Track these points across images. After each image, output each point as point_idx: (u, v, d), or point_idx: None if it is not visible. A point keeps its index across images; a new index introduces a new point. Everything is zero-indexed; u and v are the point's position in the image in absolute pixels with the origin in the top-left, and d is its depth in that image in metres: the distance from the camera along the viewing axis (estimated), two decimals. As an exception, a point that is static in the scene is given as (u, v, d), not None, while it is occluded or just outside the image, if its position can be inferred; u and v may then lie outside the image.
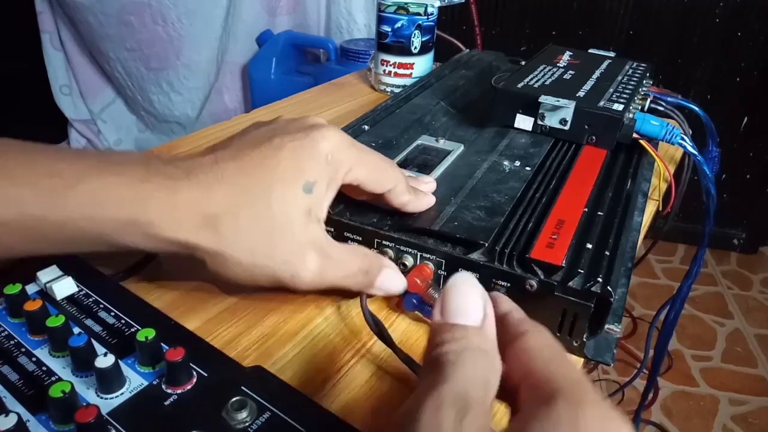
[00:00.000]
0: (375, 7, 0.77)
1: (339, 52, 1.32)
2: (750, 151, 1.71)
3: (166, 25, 1.38)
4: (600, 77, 0.57)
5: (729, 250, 1.85)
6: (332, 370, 0.33)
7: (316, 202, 0.33)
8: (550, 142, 0.49)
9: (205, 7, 1.38)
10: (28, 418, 0.25)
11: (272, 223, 0.32)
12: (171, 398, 0.26)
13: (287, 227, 0.32)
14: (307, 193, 0.32)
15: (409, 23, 0.71)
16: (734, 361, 1.42)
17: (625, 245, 0.38)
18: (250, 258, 0.32)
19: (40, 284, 0.33)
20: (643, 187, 0.48)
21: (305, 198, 0.32)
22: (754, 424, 1.26)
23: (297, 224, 0.32)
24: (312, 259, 0.32)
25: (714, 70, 1.63)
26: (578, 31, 1.67)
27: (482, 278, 0.35)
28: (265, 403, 0.26)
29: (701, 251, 0.62)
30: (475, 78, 0.68)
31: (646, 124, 0.49)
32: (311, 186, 0.32)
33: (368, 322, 0.33)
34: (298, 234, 0.32)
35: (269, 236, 0.32)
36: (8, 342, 0.29)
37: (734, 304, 1.62)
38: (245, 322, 0.36)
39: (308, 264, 0.32)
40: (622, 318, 0.36)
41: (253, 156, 0.32)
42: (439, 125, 0.52)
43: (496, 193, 0.40)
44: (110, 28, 1.38)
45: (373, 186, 0.35)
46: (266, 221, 0.31)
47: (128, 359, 0.28)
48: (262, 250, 0.32)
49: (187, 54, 1.43)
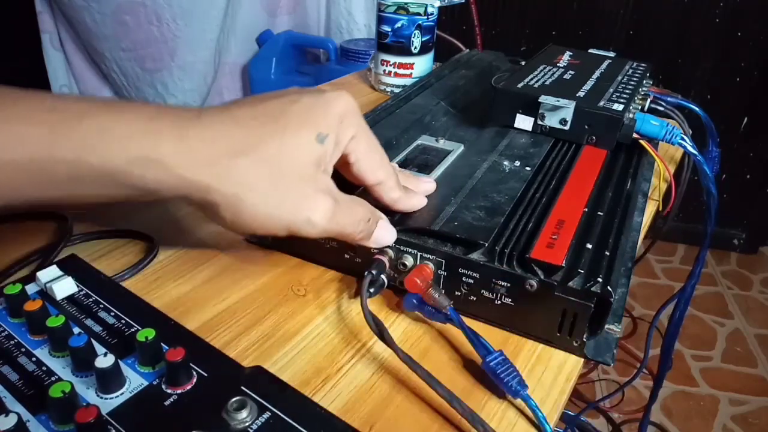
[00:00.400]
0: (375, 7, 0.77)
1: (339, 52, 1.32)
2: (750, 151, 1.71)
3: (161, 26, 1.37)
4: (600, 77, 0.57)
5: (729, 250, 1.85)
6: (332, 370, 0.33)
7: (326, 154, 0.33)
8: (550, 142, 0.49)
9: (201, 8, 1.38)
10: (28, 418, 0.25)
11: (287, 167, 0.31)
12: (171, 398, 0.26)
13: (301, 172, 0.32)
14: (320, 143, 0.32)
15: (409, 23, 0.71)
16: (734, 361, 1.42)
17: (625, 245, 0.38)
18: (265, 201, 0.31)
19: (40, 284, 0.33)
20: (643, 187, 0.48)
21: (317, 147, 0.32)
22: (754, 424, 1.26)
23: (310, 171, 0.32)
24: (326, 203, 0.32)
25: (714, 70, 1.63)
26: (578, 31, 1.67)
27: (482, 278, 0.35)
28: (265, 403, 0.26)
29: (703, 251, 0.62)
30: (475, 78, 0.68)
31: (646, 124, 0.49)
32: (324, 137, 0.32)
33: (368, 322, 0.33)
34: (312, 180, 0.32)
35: (284, 180, 0.31)
36: (8, 342, 0.29)
37: (734, 304, 1.62)
38: (245, 322, 0.36)
39: (322, 208, 0.32)
40: (622, 318, 0.36)
41: (268, 105, 0.32)
42: (439, 125, 0.52)
43: (496, 193, 0.40)
44: (106, 28, 1.38)
45: (366, 168, 0.35)
46: (281, 165, 0.31)
47: (128, 359, 0.28)
48: (278, 194, 0.31)
49: (182, 55, 1.42)
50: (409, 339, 0.35)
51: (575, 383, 0.33)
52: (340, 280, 0.40)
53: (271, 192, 0.31)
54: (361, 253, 0.38)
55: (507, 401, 0.31)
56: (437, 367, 0.33)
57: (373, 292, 0.36)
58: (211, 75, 1.51)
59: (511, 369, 0.31)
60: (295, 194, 0.32)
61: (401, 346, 0.31)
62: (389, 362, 0.33)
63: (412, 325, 0.36)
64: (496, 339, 0.35)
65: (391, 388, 0.32)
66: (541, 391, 0.32)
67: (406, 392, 0.31)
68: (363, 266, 0.37)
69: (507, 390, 0.30)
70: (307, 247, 0.41)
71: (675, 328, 0.72)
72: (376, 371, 0.33)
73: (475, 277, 0.35)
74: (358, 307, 0.35)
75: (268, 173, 0.31)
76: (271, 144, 0.31)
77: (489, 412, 0.30)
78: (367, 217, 0.35)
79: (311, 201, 0.32)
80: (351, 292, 0.39)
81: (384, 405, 0.30)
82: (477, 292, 0.35)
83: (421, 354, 0.34)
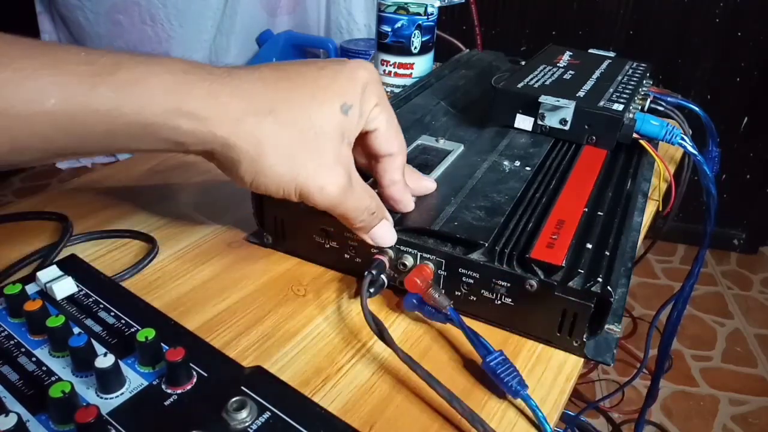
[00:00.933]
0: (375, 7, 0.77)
1: (339, 52, 1.32)
2: (750, 151, 1.71)
3: (155, 25, 1.37)
4: (600, 77, 0.57)
5: (729, 250, 1.85)
6: (332, 370, 0.33)
7: (350, 125, 0.33)
8: (550, 142, 0.49)
9: (196, 8, 1.38)
10: (28, 418, 0.25)
11: (312, 132, 0.32)
12: (171, 398, 0.26)
13: (325, 140, 0.32)
14: (344, 113, 0.33)
15: (409, 23, 0.71)
16: (734, 361, 1.42)
17: (625, 245, 0.38)
18: (287, 163, 0.31)
19: (40, 284, 0.33)
20: (643, 187, 0.48)
21: (342, 118, 0.33)
22: (754, 424, 1.26)
23: (334, 140, 0.32)
24: (342, 177, 0.33)
25: (714, 70, 1.63)
26: (578, 31, 1.67)
27: (482, 278, 0.35)
28: (265, 403, 0.26)
29: (702, 251, 0.62)
30: (475, 78, 0.68)
31: (646, 124, 0.49)
32: (348, 108, 0.33)
33: (368, 322, 0.33)
34: (334, 149, 0.32)
35: (308, 144, 0.32)
36: (8, 342, 0.29)
37: (734, 304, 1.62)
38: (245, 322, 0.36)
39: (338, 180, 0.32)
40: (622, 318, 0.36)
41: (295, 70, 0.33)
42: (439, 125, 0.52)
43: (496, 193, 0.40)
44: (99, 27, 1.38)
45: (384, 138, 0.35)
46: (306, 129, 0.31)
47: (128, 359, 0.28)
48: (299, 157, 0.31)
49: (176, 56, 1.42)
50: (409, 339, 0.35)
51: (575, 383, 0.33)
52: (340, 280, 0.40)
53: (293, 154, 0.31)
54: (361, 253, 0.38)
55: (507, 401, 0.31)
56: (437, 367, 0.33)
57: (373, 292, 0.36)
58: None
59: (511, 369, 0.31)
60: (317, 160, 0.32)
61: (401, 346, 0.31)
62: (389, 362, 0.33)
63: (412, 325, 0.36)
64: (496, 339, 0.35)
65: (391, 388, 0.32)
66: (541, 391, 0.32)
67: (406, 392, 0.31)
68: (363, 266, 0.37)
69: (507, 390, 0.30)
70: (307, 247, 0.41)
71: (673, 327, 0.72)
72: (376, 371, 0.33)
73: (475, 277, 0.35)
74: (358, 307, 0.35)
75: (292, 136, 0.31)
76: (298, 109, 0.31)
77: (489, 412, 0.30)
78: (373, 209, 0.35)
79: (330, 170, 0.32)
80: (351, 292, 0.39)
81: (384, 405, 0.31)
82: (477, 292, 0.35)
83: (421, 354, 0.34)
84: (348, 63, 0.34)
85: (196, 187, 0.51)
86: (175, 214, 0.47)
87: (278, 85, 0.32)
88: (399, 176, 0.37)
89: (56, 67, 0.27)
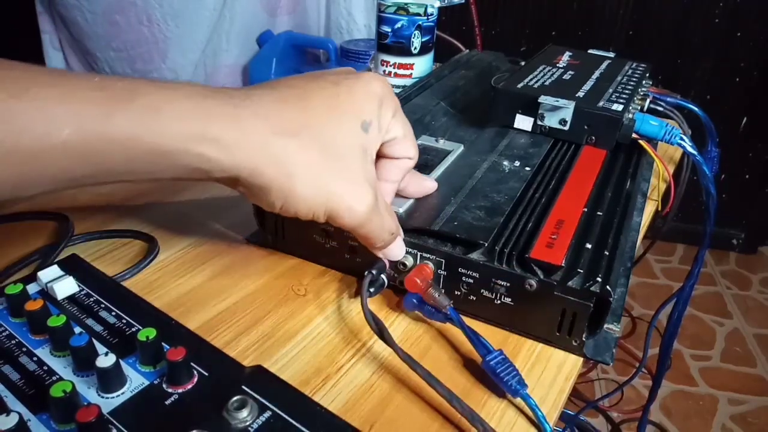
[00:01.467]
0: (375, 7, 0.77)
1: (339, 52, 1.31)
2: (749, 151, 1.71)
3: (152, 26, 1.36)
4: (599, 77, 0.57)
5: (728, 250, 1.85)
6: (332, 370, 0.33)
7: (371, 142, 0.33)
8: (550, 142, 0.49)
9: (193, 9, 1.37)
10: (29, 417, 0.25)
11: (337, 152, 0.31)
12: (172, 397, 0.26)
13: (351, 159, 0.32)
14: (364, 131, 0.32)
15: (409, 24, 0.71)
16: (733, 360, 1.43)
17: (625, 245, 0.38)
18: (316, 185, 0.31)
19: (41, 284, 0.33)
20: (643, 187, 0.48)
21: (363, 136, 0.32)
22: (753, 423, 1.26)
23: (359, 158, 0.32)
24: (370, 195, 0.32)
25: (714, 70, 1.63)
26: (578, 32, 1.67)
27: (482, 278, 0.35)
28: (266, 403, 0.26)
29: (702, 251, 0.62)
30: (475, 78, 0.68)
31: (645, 124, 0.49)
32: (368, 125, 0.33)
33: (368, 322, 0.33)
34: (361, 168, 0.32)
35: (335, 165, 0.31)
36: (9, 342, 0.29)
37: (733, 304, 1.62)
38: (245, 322, 0.36)
39: (366, 199, 0.32)
40: (621, 317, 0.36)
41: (311, 86, 0.32)
42: (439, 125, 0.52)
43: (496, 193, 0.40)
44: (97, 27, 1.37)
45: (401, 146, 0.36)
46: (332, 150, 0.31)
47: (129, 359, 0.28)
48: (328, 179, 0.31)
49: (173, 57, 1.41)
50: (409, 338, 0.35)
51: (574, 382, 0.33)
52: (340, 280, 0.40)
53: (321, 176, 0.31)
54: (361, 253, 0.38)
55: (507, 400, 0.31)
56: (437, 366, 0.33)
57: (373, 292, 0.36)
58: (203, 78, 1.49)
59: (511, 368, 0.31)
60: (345, 180, 0.32)
61: (401, 346, 0.32)
62: (389, 362, 0.33)
63: (412, 324, 0.37)
64: (496, 338, 0.35)
65: (391, 388, 0.32)
66: (540, 390, 0.32)
67: (406, 391, 0.31)
68: (363, 266, 0.37)
69: (507, 389, 0.30)
70: (307, 247, 0.41)
71: (673, 327, 0.72)
72: (376, 371, 0.33)
73: (475, 276, 0.35)
74: (358, 307, 0.35)
75: (319, 157, 0.31)
76: (321, 129, 0.31)
77: (489, 411, 0.30)
78: (393, 230, 0.35)
79: (358, 189, 0.32)
80: (351, 292, 0.39)
81: (384, 404, 0.31)
82: (477, 292, 0.35)
83: (421, 353, 0.34)
84: (361, 77, 0.34)
85: (196, 187, 0.51)
86: (175, 214, 0.47)
87: (299, 105, 0.31)
88: (400, 177, 0.37)
89: (69, 94, 0.26)
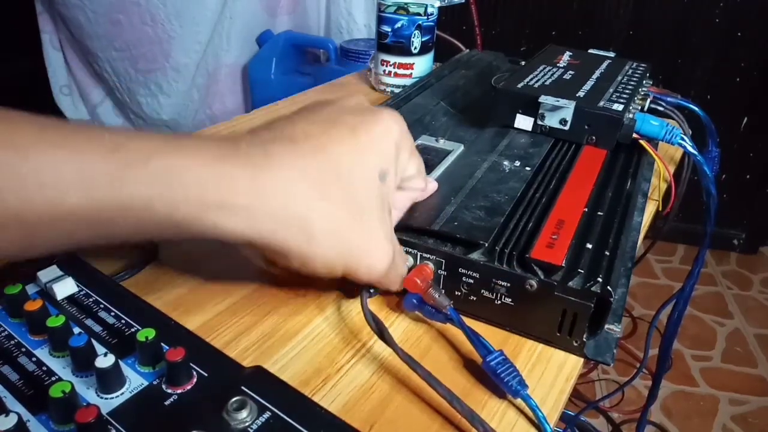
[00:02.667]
0: (375, 7, 0.77)
1: (339, 52, 1.31)
2: (750, 151, 1.71)
3: (155, 26, 1.36)
4: (600, 77, 0.57)
5: (729, 250, 1.85)
6: (332, 370, 0.33)
7: (388, 192, 0.32)
8: (550, 142, 0.49)
9: (195, 8, 1.37)
10: (28, 418, 0.25)
11: (358, 209, 0.30)
12: (171, 398, 0.26)
13: (371, 216, 0.31)
14: (382, 181, 0.32)
15: (409, 23, 0.71)
16: (734, 361, 1.42)
17: (625, 245, 0.38)
18: (337, 246, 0.30)
19: (41, 284, 0.33)
20: (643, 187, 0.48)
21: (381, 187, 0.32)
22: (753, 424, 1.26)
23: (377, 211, 0.31)
24: (389, 254, 0.32)
25: (714, 70, 1.63)
26: (578, 32, 1.67)
27: (482, 278, 0.35)
28: (266, 403, 0.26)
29: (703, 251, 0.62)
30: (475, 78, 0.68)
31: (645, 124, 0.49)
32: (385, 175, 0.32)
33: (368, 322, 0.33)
34: (379, 223, 0.31)
35: (356, 224, 0.30)
36: (8, 342, 0.29)
37: (734, 304, 1.62)
38: (245, 322, 0.36)
39: (385, 257, 0.32)
40: (621, 318, 0.36)
41: (330, 135, 0.31)
42: (439, 125, 0.52)
43: (496, 193, 0.40)
44: (99, 27, 1.37)
45: (413, 181, 0.36)
46: (353, 206, 0.30)
47: (128, 359, 0.28)
48: (348, 238, 0.30)
49: (176, 56, 1.41)
50: (409, 339, 0.35)
51: (575, 383, 0.33)
52: (340, 280, 0.40)
53: (342, 235, 0.30)
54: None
55: (507, 401, 0.31)
56: (437, 366, 0.33)
57: (373, 292, 0.36)
58: (204, 76, 1.50)
59: (511, 369, 0.31)
60: (365, 239, 0.31)
61: (401, 346, 0.31)
62: (389, 362, 0.33)
63: (412, 325, 0.36)
64: (496, 339, 0.35)
65: (391, 388, 0.32)
66: (541, 391, 0.32)
67: (406, 392, 0.31)
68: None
69: (507, 390, 0.30)
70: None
71: (674, 327, 0.72)
72: (376, 371, 0.33)
73: (475, 277, 0.35)
74: (358, 307, 0.35)
75: (340, 216, 0.30)
76: (342, 185, 0.30)
77: (489, 412, 0.30)
78: (406, 271, 0.35)
79: (379, 248, 0.31)
80: (351, 292, 0.39)
81: (384, 405, 0.31)
82: (477, 292, 0.35)
83: (421, 354, 0.34)
84: (379, 120, 0.32)
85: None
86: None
87: (317, 158, 0.30)
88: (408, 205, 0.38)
89: (78, 158, 0.24)
